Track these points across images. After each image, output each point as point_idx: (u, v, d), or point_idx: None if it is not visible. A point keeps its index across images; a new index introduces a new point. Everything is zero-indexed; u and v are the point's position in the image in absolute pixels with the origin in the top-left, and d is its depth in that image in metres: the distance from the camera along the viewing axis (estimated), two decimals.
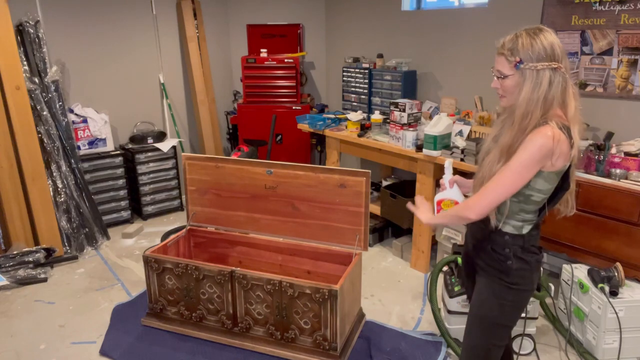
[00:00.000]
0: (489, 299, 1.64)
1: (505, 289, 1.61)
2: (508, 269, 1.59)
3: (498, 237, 1.61)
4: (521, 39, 1.46)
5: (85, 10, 4.10)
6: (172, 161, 4.52)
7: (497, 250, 1.61)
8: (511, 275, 1.59)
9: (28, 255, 3.43)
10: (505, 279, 1.60)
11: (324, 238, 2.70)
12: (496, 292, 1.62)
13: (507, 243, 1.59)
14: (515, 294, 1.61)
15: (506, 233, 1.60)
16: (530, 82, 1.45)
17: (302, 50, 5.12)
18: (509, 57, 1.47)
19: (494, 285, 1.63)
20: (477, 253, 1.70)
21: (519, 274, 1.59)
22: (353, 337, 2.59)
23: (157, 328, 2.73)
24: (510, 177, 1.46)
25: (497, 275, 1.62)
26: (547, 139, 1.41)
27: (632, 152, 2.66)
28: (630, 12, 2.82)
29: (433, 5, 4.20)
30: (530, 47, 1.44)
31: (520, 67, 1.46)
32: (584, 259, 2.74)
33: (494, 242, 1.62)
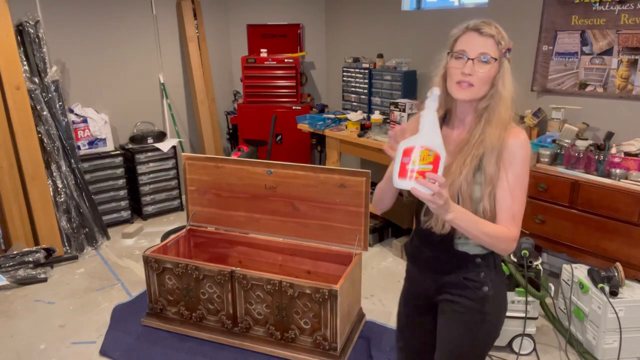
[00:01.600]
0: (461, 334, 1.44)
1: (479, 320, 1.43)
2: (484, 297, 1.41)
3: (469, 264, 1.41)
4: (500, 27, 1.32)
5: (85, 11, 4.10)
6: (172, 161, 4.52)
7: (471, 278, 1.41)
8: (487, 304, 1.42)
9: (28, 255, 3.43)
10: (481, 309, 1.42)
11: (324, 238, 2.70)
12: (469, 325, 1.43)
13: (480, 267, 1.41)
14: (489, 325, 1.44)
15: (476, 255, 1.41)
16: (509, 75, 1.33)
17: (302, 50, 5.12)
18: (501, 41, 1.30)
19: (466, 318, 1.43)
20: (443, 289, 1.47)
21: (495, 300, 1.43)
22: (353, 337, 2.59)
23: (157, 328, 2.73)
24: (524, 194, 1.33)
25: (470, 306, 1.42)
26: (528, 143, 1.33)
27: (632, 152, 2.66)
28: (630, 12, 2.82)
29: (433, 5, 4.20)
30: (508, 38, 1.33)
31: (507, 56, 1.32)
32: (584, 259, 2.74)
33: (466, 269, 1.42)
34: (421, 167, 1.17)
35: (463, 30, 1.33)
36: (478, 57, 1.29)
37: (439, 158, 1.17)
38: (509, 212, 1.32)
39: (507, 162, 1.31)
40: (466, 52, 1.30)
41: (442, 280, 1.47)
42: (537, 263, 2.47)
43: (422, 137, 1.19)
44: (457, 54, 1.32)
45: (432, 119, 1.20)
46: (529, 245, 2.47)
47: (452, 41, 1.36)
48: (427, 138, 1.18)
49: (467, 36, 1.32)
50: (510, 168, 1.31)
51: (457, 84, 1.32)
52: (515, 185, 1.32)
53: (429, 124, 1.20)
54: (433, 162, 1.17)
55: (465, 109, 1.39)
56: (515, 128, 1.33)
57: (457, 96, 1.33)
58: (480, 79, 1.30)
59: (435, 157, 1.17)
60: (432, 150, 1.17)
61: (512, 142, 1.31)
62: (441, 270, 1.46)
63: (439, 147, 1.18)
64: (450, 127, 1.44)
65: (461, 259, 1.42)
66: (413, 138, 1.20)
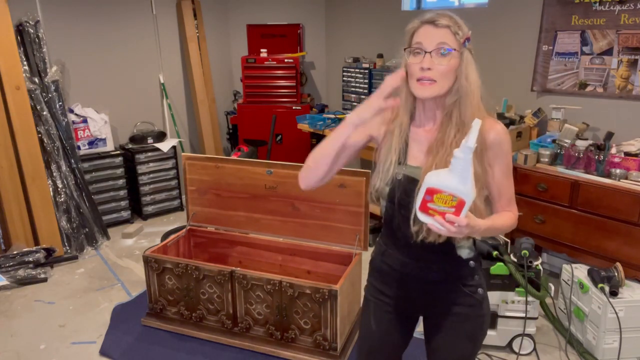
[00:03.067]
0: (463, 344, 1.41)
1: (479, 325, 1.41)
2: (481, 299, 1.39)
3: (465, 269, 1.37)
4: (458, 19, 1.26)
5: (85, 10, 4.10)
6: (172, 161, 4.52)
7: (468, 284, 1.37)
8: (483, 305, 1.40)
9: (28, 255, 3.43)
10: (480, 313, 1.40)
11: (324, 238, 2.70)
12: (470, 332, 1.40)
13: (474, 270, 1.38)
14: (486, 324, 1.43)
15: (469, 259, 1.37)
16: (473, 65, 1.26)
17: (302, 50, 5.12)
18: (458, 31, 1.23)
19: (467, 327, 1.40)
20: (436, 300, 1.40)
21: (486, 300, 1.42)
22: (353, 337, 2.59)
23: (157, 328, 2.73)
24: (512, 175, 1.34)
25: (469, 314, 1.39)
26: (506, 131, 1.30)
27: (632, 152, 2.66)
28: (630, 12, 2.82)
29: (433, 5, 4.20)
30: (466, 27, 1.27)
31: (467, 46, 1.25)
32: (584, 259, 2.74)
33: (462, 276, 1.37)
34: (442, 208, 1.13)
35: (418, 24, 1.27)
36: (437, 50, 1.22)
37: (464, 203, 1.12)
38: (508, 197, 1.34)
39: (494, 157, 1.29)
40: (423, 44, 1.24)
41: (435, 291, 1.39)
42: (537, 263, 2.47)
43: (451, 180, 1.11)
44: (414, 48, 1.25)
45: (467, 162, 1.10)
46: (529, 245, 2.47)
47: (409, 36, 1.30)
48: (456, 183, 1.11)
49: (422, 30, 1.26)
50: (497, 160, 1.29)
51: (417, 81, 1.24)
52: (506, 173, 1.32)
53: (462, 167, 1.10)
54: (456, 206, 1.12)
55: (432, 106, 1.32)
56: (489, 119, 1.28)
57: (420, 94, 1.26)
58: (441, 73, 1.22)
59: (459, 202, 1.12)
60: (457, 197, 1.11)
61: (493, 137, 1.27)
62: (434, 280, 1.38)
63: (466, 193, 1.11)
64: (418, 124, 1.36)
65: (457, 266, 1.36)
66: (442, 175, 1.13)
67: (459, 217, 1.11)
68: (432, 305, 1.42)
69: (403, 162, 1.34)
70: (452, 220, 1.11)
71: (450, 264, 1.36)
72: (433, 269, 1.37)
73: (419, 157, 1.33)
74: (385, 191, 1.34)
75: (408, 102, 1.33)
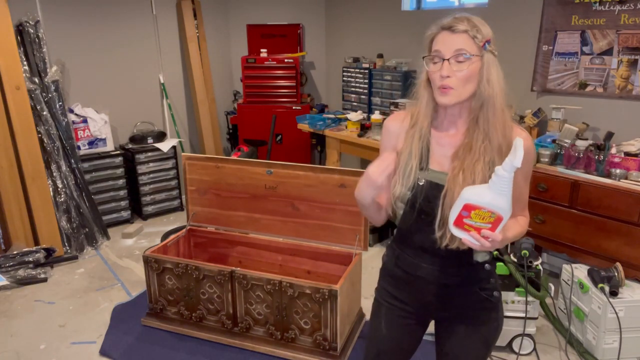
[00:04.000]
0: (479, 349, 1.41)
1: (494, 328, 1.41)
2: (497, 303, 1.39)
3: (481, 272, 1.36)
4: (478, 21, 1.23)
5: (85, 10, 4.10)
6: (172, 161, 4.52)
7: (484, 287, 1.37)
8: (498, 308, 1.40)
9: (28, 255, 3.43)
10: (495, 317, 1.39)
11: (324, 238, 2.70)
12: (486, 337, 1.40)
13: (490, 273, 1.38)
14: (501, 327, 1.43)
15: (484, 262, 1.36)
16: (496, 67, 1.23)
17: (302, 50, 5.12)
18: (476, 34, 1.20)
19: (483, 332, 1.39)
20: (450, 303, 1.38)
21: (501, 303, 1.43)
22: (353, 337, 2.59)
23: (157, 328, 2.73)
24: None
25: (485, 318, 1.38)
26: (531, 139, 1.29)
27: (632, 152, 2.66)
28: (630, 12, 2.82)
29: (433, 5, 4.20)
30: (489, 30, 1.23)
31: (487, 48, 1.22)
32: (584, 259, 2.74)
33: (479, 279, 1.36)
34: (479, 224, 1.14)
35: (437, 30, 1.26)
36: (454, 56, 1.21)
37: (501, 220, 1.13)
38: (523, 203, 1.36)
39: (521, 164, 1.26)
40: (441, 52, 1.22)
41: (451, 295, 1.37)
42: (537, 263, 2.47)
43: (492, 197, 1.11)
44: (432, 56, 1.25)
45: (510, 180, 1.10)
46: (529, 245, 2.47)
47: (428, 43, 1.28)
48: (497, 200, 1.11)
49: (440, 36, 1.24)
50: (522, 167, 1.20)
51: (439, 89, 1.24)
52: (527, 179, 1.34)
53: (504, 185, 1.10)
54: (493, 222, 1.13)
55: (455, 112, 1.30)
56: (517, 128, 1.27)
57: (441, 102, 1.25)
58: (459, 80, 1.21)
59: (497, 219, 1.12)
60: (495, 214, 1.12)
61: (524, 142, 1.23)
62: (450, 284, 1.35)
63: (506, 210, 1.12)
64: (440, 129, 1.34)
65: (473, 270, 1.35)
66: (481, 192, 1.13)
67: (494, 232, 1.13)
68: (447, 309, 1.40)
69: (425, 167, 1.31)
70: (488, 236, 1.12)
71: (466, 268, 1.35)
72: (450, 273, 1.34)
73: (442, 162, 1.30)
74: (406, 197, 1.31)
75: (429, 108, 1.32)
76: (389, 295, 1.48)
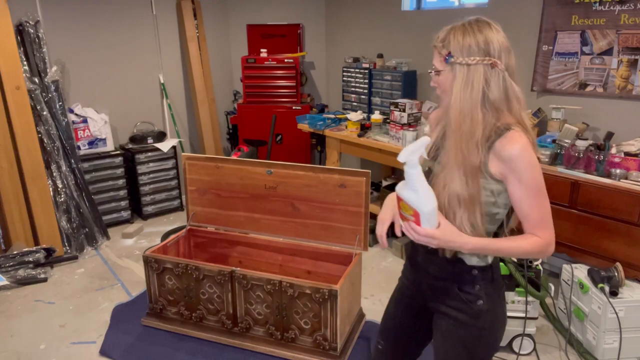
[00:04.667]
0: (457, 349, 1.39)
1: (475, 336, 1.37)
2: (479, 312, 1.35)
3: (465, 274, 1.36)
4: (453, 32, 1.29)
5: (85, 11, 4.10)
6: (172, 161, 4.52)
7: (465, 290, 1.36)
8: (482, 318, 1.36)
9: (28, 255, 3.43)
10: (476, 324, 1.36)
11: (324, 238, 2.70)
12: (465, 340, 1.38)
13: (476, 279, 1.35)
14: (485, 339, 1.39)
15: (473, 267, 1.35)
16: (461, 79, 1.25)
17: (302, 50, 5.12)
18: (441, 50, 1.30)
19: (462, 333, 1.38)
20: (436, 295, 1.43)
21: (491, 315, 1.37)
22: (353, 337, 2.59)
23: (157, 328, 2.73)
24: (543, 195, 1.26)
25: (465, 321, 1.37)
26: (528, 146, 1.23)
27: (632, 152, 2.66)
28: (630, 12, 2.82)
29: (433, 5, 4.20)
30: (461, 40, 1.26)
31: (450, 61, 1.27)
32: (584, 259, 2.74)
33: (461, 280, 1.37)
34: (406, 215, 1.24)
35: None
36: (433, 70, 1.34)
37: (418, 214, 1.20)
38: (534, 220, 1.26)
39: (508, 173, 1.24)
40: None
41: (437, 285, 1.41)
42: (537, 263, 2.48)
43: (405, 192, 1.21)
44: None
45: (412, 175, 1.18)
46: None
47: None
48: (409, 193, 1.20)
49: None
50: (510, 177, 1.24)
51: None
52: (529, 193, 1.24)
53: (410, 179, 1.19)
54: (414, 214, 1.21)
55: None
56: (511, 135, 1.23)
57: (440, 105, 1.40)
58: (440, 89, 1.34)
59: (414, 212, 1.20)
60: (412, 207, 1.20)
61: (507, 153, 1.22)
62: (436, 275, 1.41)
63: (417, 205, 1.19)
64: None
65: (456, 267, 1.37)
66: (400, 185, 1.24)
67: (419, 226, 1.21)
68: (434, 300, 1.45)
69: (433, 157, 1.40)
70: (414, 229, 1.22)
71: (451, 265, 1.37)
72: (437, 263, 1.40)
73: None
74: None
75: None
76: (403, 273, 1.59)
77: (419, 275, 1.48)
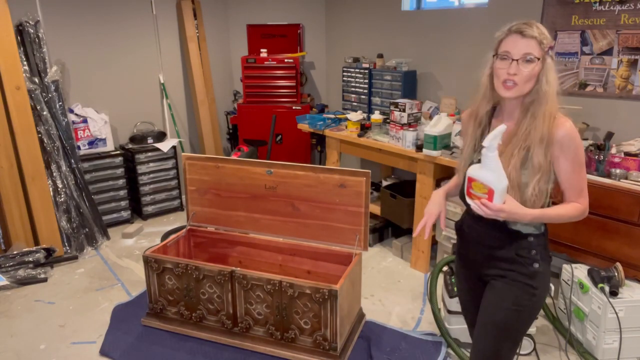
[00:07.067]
0: (508, 306, 1.54)
1: (528, 294, 1.53)
2: (535, 273, 1.53)
3: (522, 241, 1.54)
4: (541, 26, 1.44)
5: (86, 10, 4.10)
6: (172, 161, 4.52)
7: (523, 255, 1.54)
8: (537, 279, 1.53)
9: (28, 255, 3.43)
10: (532, 284, 1.53)
11: (324, 238, 2.70)
12: (519, 298, 1.53)
13: (532, 245, 1.54)
14: (537, 299, 1.55)
15: (529, 234, 1.54)
16: (554, 71, 1.46)
17: (302, 50, 5.12)
18: (544, 40, 1.43)
19: (516, 292, 1.54)
20: (493, 263, 1.59)
21: (543, 277, 1.55)
22: (353, 337, 2.59)
23: (157, 328, 2.73)
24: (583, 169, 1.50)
25: (521, 280, 1.53)
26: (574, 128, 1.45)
27: (632, 152, 2.66)
28: (630, 12, 2.82)
29: (433, 5, 4.20)
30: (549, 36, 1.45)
31: (550, 54, 1.45)
32: (584, 259, 2.74)
33: (519, 246, 1.54)
34: (478, 194, 1.41)
35: (506, 32, 1.46)
36: (523, 58, 1.42)
37: (493, 191, 1.37)
38: (576, 190, 1.51)
39: (560, 152, 1.45)
40: (510, 53, 1.44)
41: (494, 254, 1.58)
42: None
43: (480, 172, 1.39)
44: (502, 55, 1.45)
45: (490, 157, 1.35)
46: None
47: (497, 43, 1.49)
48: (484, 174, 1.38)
49: (510, 38, 1.45)
50: (563, 155, 1.46)
51: (503, 82, 1.46)
52: (574, 167, 1.47)
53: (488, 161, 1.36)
54: (488, 193, 1.38)
55: (512, 104, 1.53)
56: (561, 118, 1.47)
57: (503, 94, 1.47)
58: (523, 78, 1.43)
59: (489, 190, 1.37)
60: (487, 186, 1.37)
61: (560, 134, 1.44)
62: (493, 245, 1.58)
63: (493, 183, 1.36)
64: (500, 120, 1.58)
65: (514, 237, 1.54)
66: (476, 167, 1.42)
67: (491, 202, 1.38)
68: (490, 267, 1.60)
69: (479, 149, 1.54)
70: (486, 204, 1.39)
71: (507, 235, 1.55)
72: (493, 236, 1.57)
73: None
74: (462, 171, 1.57)
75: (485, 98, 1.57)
76: (458, 252, 1.76)
77: (475, 249, 1.65)
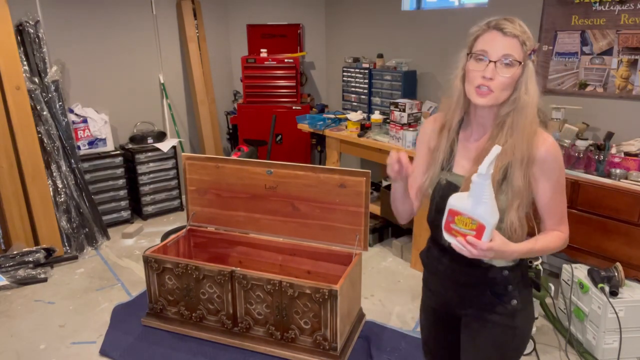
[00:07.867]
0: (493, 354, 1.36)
1: (509, 335, 1.34)
2: (513, 311, 1.33)
3: (497, 275, 1.32)
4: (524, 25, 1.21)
5: (85, 11, 4.10)
6: (172, 161, 4.52)
7: (498, 292, 1.33)
8: (516, 317, 1.33)
9: (28, 255, 3.43)
10: (510, 324, 1.33)
11: (324, 238, 2.70)
12: (498, 341, 1.34)
13: (508, 279, 1.32)
14: (520, 337, 1.37)
15: (503, 268, 1.32)
16: (534, 78, 1.20)
17: (302, 50, 5.12)
18: (527, 41, 1.18)
19: (495, 334, 1.34)
20: (467, 302, 1.38)
21: (524, 313, 1.35)
22: (353, 337, 2.59)
23: (157, 328, 2.73)
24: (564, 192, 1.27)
25: (499, 322, 1.33)
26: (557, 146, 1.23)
27: (632, 152, 2.66)
28: (630, 12, 2.82)
29: (433, 5, 4.20)
30: (531, 35, 1.21)
31: (532, 58, 1.20)
32: (584, 259, 2.74)
33: (493, 282, 1.32)
34: (463, 230, 1.14)
35: (484, 28, 1.23)
36: (500, 60, 1.18)
37: (483, 228, 1.11)
38: (557, 216, 1.28)
39: (540, 172, 1.23)
40: (487, 53, 1.19)
41: (467, 293, 1.37)
42: (537, 263, 2.47)
43: (469, 204, 1.11)
44: (477, 54, 1.20)
45: (483, 187, 1.09)
46: None
47: (472, 40, 1.24)
48: (474, 207, 1.11)
49: (489, 35, 1.21)
50: (544, 176, 1.23)
51: (476, 88, 1.21)
52: (557, 190, 1.25)
53: (479, 192, 1.09)
54: (476, 229, 1.12)
55: (485, 114, 1.28)
56: (543, 134, 1.23)
57: (477, 102, 1.22)
58: (501, 84, 1.18)
59: (478, 226, 1.11)
60: (476, 221, 1.11)
61: (542, 153, 1.21)
62: (465, 283, 1.36)
63: (485, 218, 1.10)
64: (469, 131, 1.33)
65: (487, 272, 1.32)
66: (461, 198, 1.14)
67: (479, 240, 1.11)
68: (464, 306, 1.40)
69: (446, 168, 1.33)
70: (474, 243, 1.11)
71: (480, 270, 1.33)
72: (464, 272, 1.35)
73: (465, 165, 1.30)
74: (428, 192, 1.37)
75: (459, 105, 1.30)
76: (425, 283, 1.54)
77: (444, 284, 1.42)
